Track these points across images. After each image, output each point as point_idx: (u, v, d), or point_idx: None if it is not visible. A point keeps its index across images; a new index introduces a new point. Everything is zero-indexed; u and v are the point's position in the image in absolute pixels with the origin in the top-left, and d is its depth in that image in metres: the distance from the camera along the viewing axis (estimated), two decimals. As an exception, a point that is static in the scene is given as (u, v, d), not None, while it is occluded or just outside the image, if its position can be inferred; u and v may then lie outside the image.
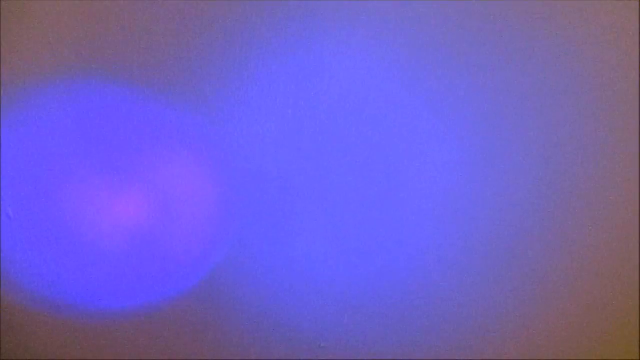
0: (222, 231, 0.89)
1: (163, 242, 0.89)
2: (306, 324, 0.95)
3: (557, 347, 0.99)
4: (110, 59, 0.80)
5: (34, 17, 0.79)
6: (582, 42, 0.81)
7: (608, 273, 0.94)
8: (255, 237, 0.90)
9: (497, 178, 0.88)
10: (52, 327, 0.93)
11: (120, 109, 0.83)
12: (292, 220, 0.89)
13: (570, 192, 0.89)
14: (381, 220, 0.90)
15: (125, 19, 0.79)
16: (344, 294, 0.93)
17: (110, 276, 0.90)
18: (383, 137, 0.85)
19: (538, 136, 0.85)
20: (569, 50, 0.81)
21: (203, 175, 0.87)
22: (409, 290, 0.94)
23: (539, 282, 0.94)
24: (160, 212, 0.88)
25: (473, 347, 0.98)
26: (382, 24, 0.80)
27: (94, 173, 0.85)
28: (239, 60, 0.81)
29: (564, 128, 0.85)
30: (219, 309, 0.93)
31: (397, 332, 0.97)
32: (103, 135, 0.84)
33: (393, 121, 0.85)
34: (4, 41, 0.79)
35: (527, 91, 0.83)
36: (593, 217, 0.90)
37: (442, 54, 0.81)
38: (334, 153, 0.86)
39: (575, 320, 0.97)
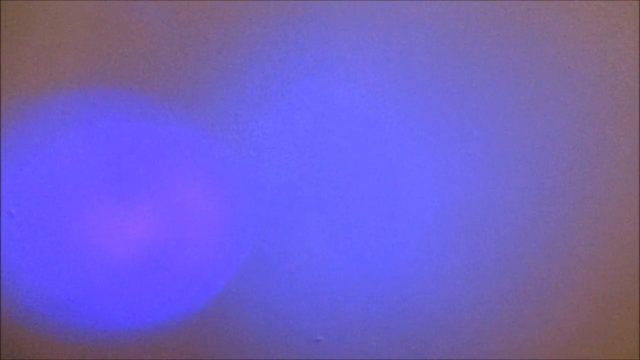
0: (227, 228, 0.89)
1: (173, 257, 0.89)
2: (302, 318, 0.95)
3: (557, 347, 0.99)
4: (119, 66, 0.81)
5: (39, 23, 0.79)
6: (581, 43, 0.81)
7: (608, 274, 0.94)
8: (257, 233, 0.90)
9: (497, 182, 0.88)
10: (51, 337, 0.93)
11: (129, 117, 0.83)
12: (295, 220, 0.90)
13: (569, 196, 0.89)
14: (380, 222, 0.90)
15: (135, 30, 0.79)
16: (341, 291, 0.94)
17: (116, 287, 0.90)
18: (387, 143, 0.86)
19: (538, 139, 0.85)
20: (568, 53, 0.81)
21: (213, 189, 0.87)
22: (407, 288, 0.94)
23: (539, 284, 0.94)
24: (166, 205, 0.88)
25: (471, 347, 0.98)
26: (385, 29, 0.80)
27: (96, 169, 0.85)
28: (248, 73, 0.82)
29: (563, 132, 0.85)
30: (219, 302, 0.94)
31: (393, 328, 0.97)
32: (109, 140, 0.84)
33: (398, 128, 0.85)
34: (6, 45, 0.80)
35: (526, 94, 0.83)
36: (592, 220, 0.90)
37: (443, 58, 0.82)
38: (342, 165, 0.87)
39: (575, 321, 0.97)
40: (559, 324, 0.97)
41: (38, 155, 0.84)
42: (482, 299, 0.94)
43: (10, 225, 0.87)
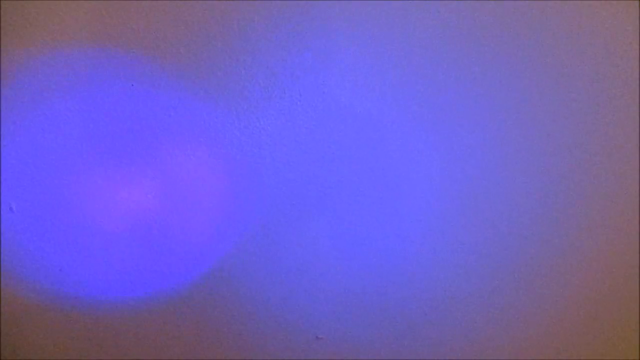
0: (228, 225, 0.90)
1: (169, 233, 0.89)
2: (304, 316, 0.95)
3: (557, 347, 0.99)
4: (122, 64, 0.81)
5: (37, 6, 0.79)
6: (581, 43, 0.81)
7: (608, 274, 0.94)
8: (259, 231, 0.90)
9: (498, 181, 0.88)
10: (55, 319, 0.94)
11: (128, 100, 0.83)
12: (296, 217, 0.90)
13: (570, 194, 0.89)
14: (382, 219, 0.90)
15: (139, 28, 0.79)
16: (342, 288, 0.94)
17: (116, 267, 0.90)
18: (388, 140, 0.86)
19: (539, 137, 0.86)
20: (569, 53, 0.82)
21: (214, 186, 0.87)
22: (409, 286, 0.94)
23: (540, 282, 0.94)
24: (168, 204, 0.88)
25: (472, 344, 0.98)
26: (386, 27, 0.81)
27: (98, 165, 0.86)
28: (250, 71, 0.82)
29: (564, 131, 0.86)
30: (221, 301, 0.94)
31: (394, 326, 0.97)
32: (109, 126, 0.84)
33: (399, 125, 0.85)
34: (6, 30, 0.80)
35: (527, 92, 0.84)
36: (594, 218, 0.90)
37: (444, 56, 0.82)
38: (343, 162, 0.87)
39: (575, 320, 0.97)
40: (559, 323, 0.97)
41: (39, 141, 0.84)
42: (483, 297, 0.94)
43: (11, 216, 0.87)
